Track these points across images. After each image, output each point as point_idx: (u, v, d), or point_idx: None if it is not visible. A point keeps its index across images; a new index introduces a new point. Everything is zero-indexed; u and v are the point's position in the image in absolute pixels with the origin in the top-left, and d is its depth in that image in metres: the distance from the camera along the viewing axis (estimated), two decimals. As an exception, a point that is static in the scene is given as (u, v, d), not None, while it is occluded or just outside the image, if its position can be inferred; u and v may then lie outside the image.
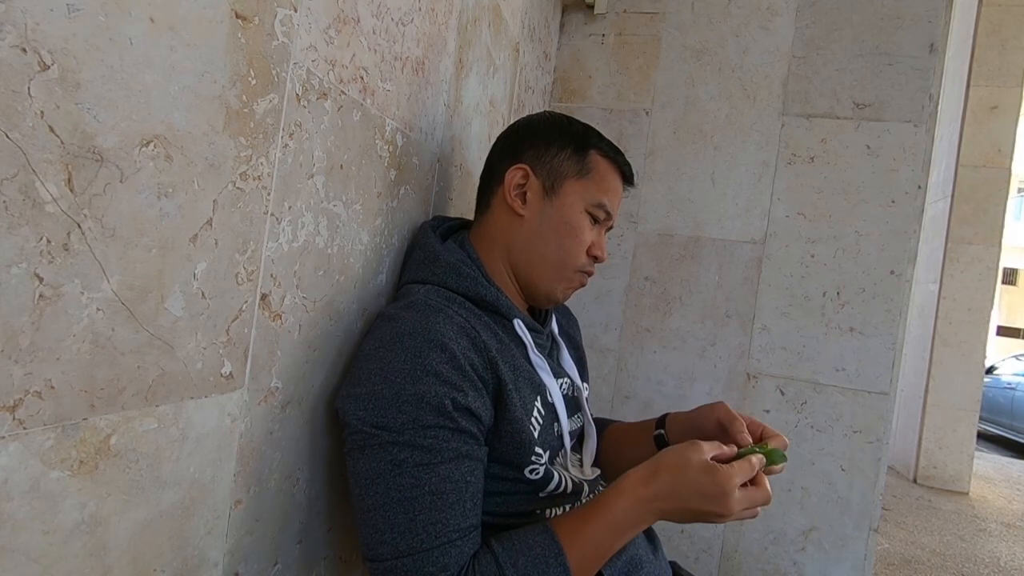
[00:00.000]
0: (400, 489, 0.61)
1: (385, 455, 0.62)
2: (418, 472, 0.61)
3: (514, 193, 0.80)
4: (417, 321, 0.67)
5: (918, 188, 1.39)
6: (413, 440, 0.62)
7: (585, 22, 1.63)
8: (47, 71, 0.35)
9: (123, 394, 0.43)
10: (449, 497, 0.62)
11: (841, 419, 1.42)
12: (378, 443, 0.62)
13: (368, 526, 0.62)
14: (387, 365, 0.64)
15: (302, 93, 0.57)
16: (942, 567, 2.66)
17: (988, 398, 5.77)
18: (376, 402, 0.63)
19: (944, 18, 1.39)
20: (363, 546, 0.63)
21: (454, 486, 0.62)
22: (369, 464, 0.62)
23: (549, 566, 0.61)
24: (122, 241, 0.41)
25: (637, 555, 0.78)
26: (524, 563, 0.61)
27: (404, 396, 0.63)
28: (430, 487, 0.61)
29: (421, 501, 0.61)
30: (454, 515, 0.61)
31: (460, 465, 0.63)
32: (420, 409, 0.62)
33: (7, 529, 0.36)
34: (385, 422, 0.62)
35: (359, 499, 0.63)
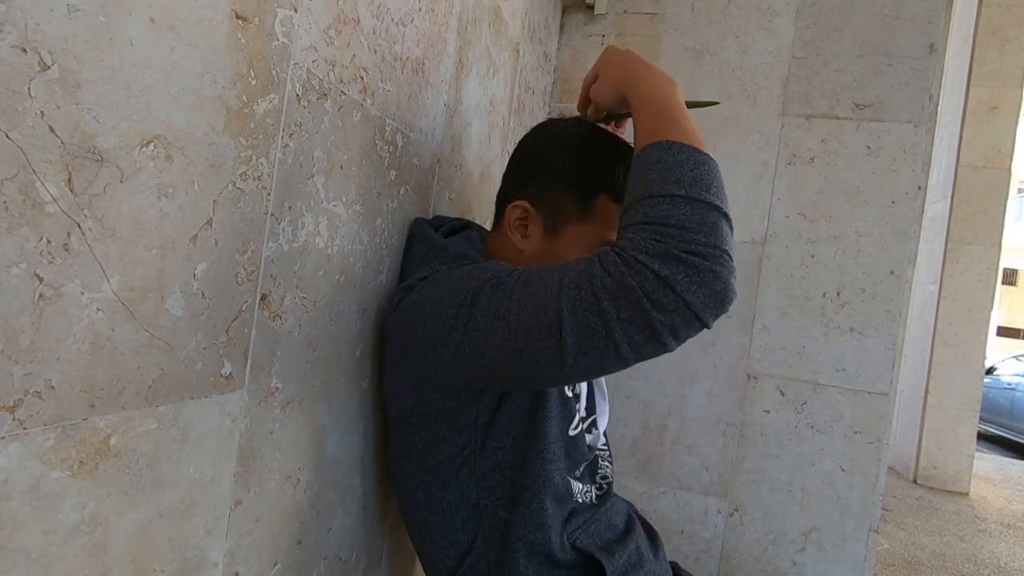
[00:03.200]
0: (514, 287, 0.59)
1: (480, 290, 0.61)
2: (514, 272, 0.61)
3: (515, 227, 0.78)
4: (451, 269, 0.70)
5: (918, 189, 1.39)
6: (489, 270, 0.62)
7: (585, 23, 1.63)
8: (47, 71, 0.35)
9: (123, 394, 0.43)
10: (553, 264, 0.61)
11: (841, 419, 1.41)
12: (469, 294, 0.62)
13: (529, 332, 0.57)
14: (436, 287, 0.67)
15: (302, 93, 0.57)
16: (942, 568, 2.66)
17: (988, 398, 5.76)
18: (442, 295, 0.64)
19: (944, 18, 1.39)
20: (547, 351, 0.56)
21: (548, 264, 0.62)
22: (480, 308, 0.61)
23: (670, 153, 0.57)
24: (122, 241, 0.41)
25: (638, 552, 0.78)
26: (650, 175, 0.57)
27: (461, 275, 0.65)
28: (530, 270, 0.60)
29: (537, 272, 0.59)
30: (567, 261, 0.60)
31: None
32: (483, 268, 0.64)
33: (7, 529, 0.36)
34: (459, 285, 0.63)
35: (502, 337, 0.59)
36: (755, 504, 1.46)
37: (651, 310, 0.51)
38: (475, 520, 0.74)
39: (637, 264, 0.51)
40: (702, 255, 0.51)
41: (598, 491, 0.82)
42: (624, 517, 0.84)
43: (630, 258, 0.52)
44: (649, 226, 0.53)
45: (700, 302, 0.51)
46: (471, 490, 0.73)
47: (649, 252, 0.51)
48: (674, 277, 0.50)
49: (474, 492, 0.73)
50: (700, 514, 1.49)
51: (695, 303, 0.51)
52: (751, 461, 1.47)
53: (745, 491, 1.46)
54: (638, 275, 0.51)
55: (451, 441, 0.73)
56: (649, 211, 0.54)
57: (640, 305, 0.51)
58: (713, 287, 0.51)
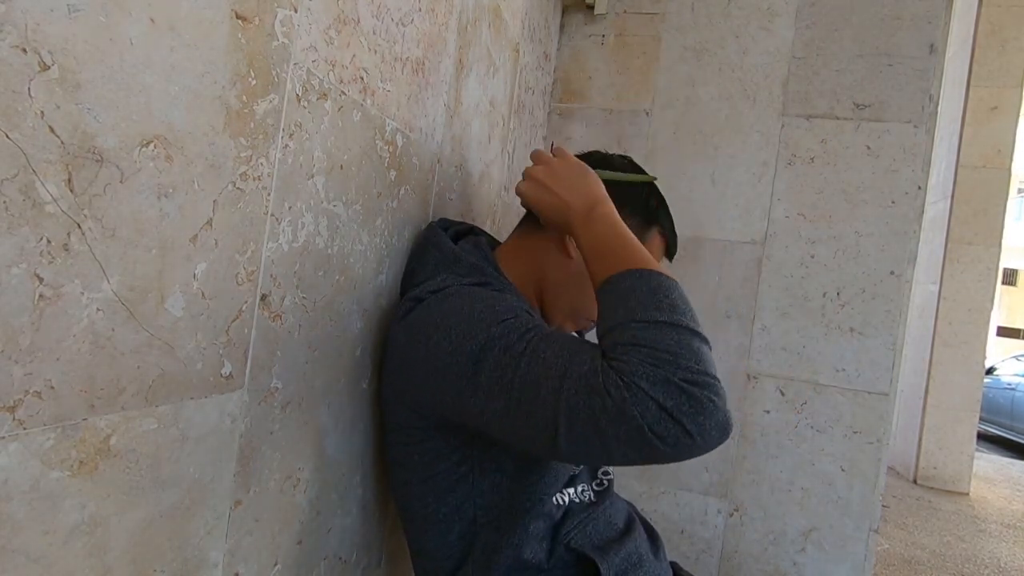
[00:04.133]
0: (522, 357, 0.59)
1: (490, 351, 0.61)
2: (525, 338, 0.61)
3: (569, 240, 0.81)
4: (460, 287, 0.71)
5: (918, 189, 1.39)
6: (506, 329, 0.62)
7: (585, 23, 1.63)
8: (47, 71, 0.35)
9: (123, 394, 0.43)
10: (565, 337, 0.61)
11: (841, 420, 1.41)
12: (479, 348, 0.62)
13: (527, 413, 0.58)
14: (447, 309, 0.67)
15: (302, 93, 0.57)
16: (942, 568, 2.66)
17: (988, 399, 5.77)
18: (454, 329, 0.64)
19: (944, 19, 1.39)
20: (540, 435, 0.57)
21: (560, 333, 0.62)
22: (486, 369, 0.61)
23: (642, 282, 0.60)
24: (122, 241, 0.41)
25: (637, 552, 0.78)
26: (629, 303, 0.58)
27: (475, 310, 0.65)
28: (542, 342, 0.60)
29: (545, 349, 0.59)
30: (577, 339, 0.61)
31: (552, 328, 0.65)
32: (495, 311, 0.64)
33: (7, 529, 0.36)
34: (472, 331, 0.63)
35: (502, 407, 0.60)
36: (755, 504, 1.46)
37: (653, 439, 0.51)
38: (470, 536, 0.73)
39: (639, 392, 0.51)
40: (699, 384, 0.52)
41: (597, 486, 0.82)
42: (624, 517, 0.84)
43: (631, 383, 0.52)
44: (642, 348, 0.54)
45: (705, 434, 0.52)
46: (468, 506, 0.73)
47: (649, 379, 0.52)
48: (678, 409, 0.51)
49: (471, 509, 0.73)
50: (700, 514, 1.49)
51: (698, 435, 0.51)
52: (751, 461, 1.47)
53: (745, 491, 1.46)
54: (640, 404, 0.51)
55: (447, 456, 0.72)
56: (638, 334, 0.55)
57: (642, 433, 0.51)
58: (716, 418, 0.52)
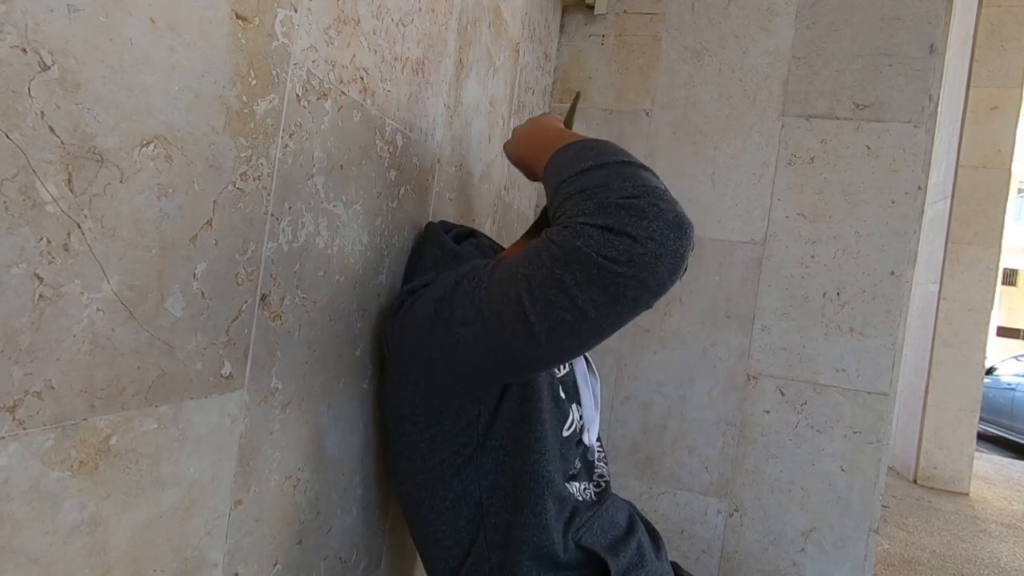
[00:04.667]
0: (487, 278, 0.59)
1: (457, 287, 0.63)
2: (487, 266, 0.61)
3: None
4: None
5: (918, 189, 1.39)
6: (469, 270, 0.63)
7: (585, 23, 1.63)
8: (47, 71, 0.35)
9: (123, 394, 0.43)
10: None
11: (841, 420, 1.41)
12: (447, 290, 0.63)
13: (500, 317, 0.56)
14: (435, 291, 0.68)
15: (302, 93, 0.57)
16: (942, 568, 2.66)
17: (988, 399, 5.76)
18: (430, 298, 0.66)
19: (944, 19, 1.39)
20: (517, 332, 0.55)
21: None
22: (456, 301, 0.62)
23: (567, 150, 0.60)
24: (122, 241, 0.41)
25: (640, 551, 0.78)
26: (560, 170, 0.59)
27: (450, 273, 0.67)
28: (502, 261, 0.60)
29: (504, 263, 0.59)
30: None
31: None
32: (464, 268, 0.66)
33: (7, 529, 0.36)
34: (443, 290, 0.64)
35: (480, 328, 0.59)
36: (755, 504, 1.46)
37: (605, 264, 0.47)
38: (478, 519, 0.74)
39: (578, 225, 0.50)
40: (637, 196, 0.49)
41: (596, 488, 0.82)
42: (625, 516, 0.84)
43: (570, 223, 0.51)
44: (574, 196, 0.52)
45: (656, 237, 0.47)
46: (474, 488, 0.73)
47: (585, 211, 0.50)
48: (619, 223, 0.47)
49: (477, 491, 0.73)
50: (700, 514, 1.49)
51: (648, 239, 0.47)
52: (751, 461, 1.47)
53: (745, 491, 1.46)
54: (582, 235, 0.49)
55: (453, 440, 0.73)
56: (569, 188, 0.54)
57: (592, 262, 0.48)
58: (664, 219, 0.47)
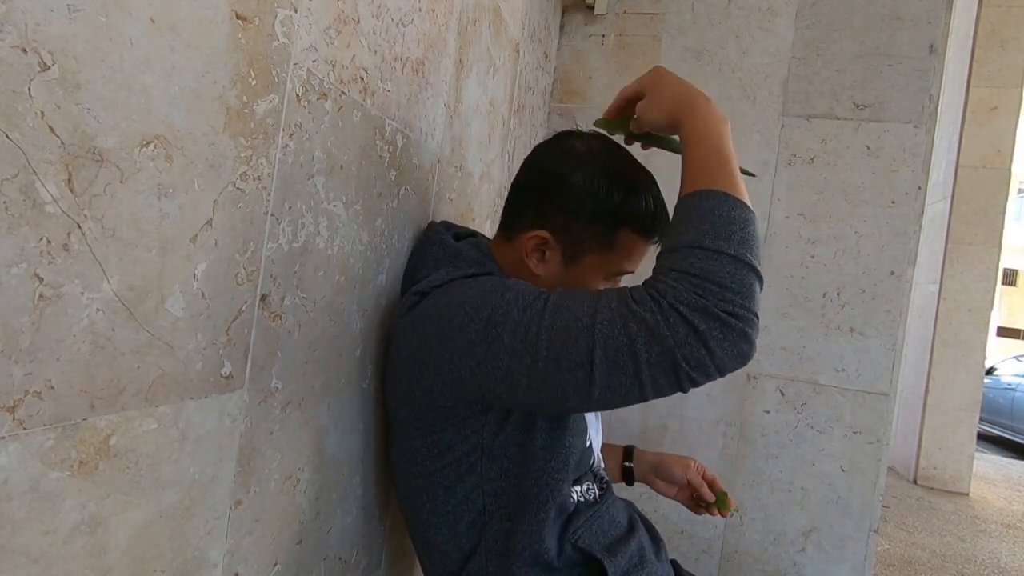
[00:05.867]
0: (543, 311, 0.60)
1: (508, 312, 0.62)
2: (543, 295, 0.62)
3: (531, 253, 0.77)
4: (464, 279, 0.71)
5: (918, 189, 1.39)
6: (518, 293, 0.63)
7: (585, 23, 1.63)
8: (47, 71, 0.35)
9: (123, 394, 0.43)
10: (581, 290, 0.63)
11: (841, 420, 1.41)
12: (495, 312, 0.62)
13: (558, 361, 0.58)
14: (455, 297, 0.67)
15: (302, 94, 0.57)
16: (942, 568, 2.66)
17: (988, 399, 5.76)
18: (464, 307, 0.65)
19: (944, 19, 1.40)
20: (574, 380, 0.58)
21: (574, 290, 0.64)
22: (507, 330, 0.61)
23: (723, 207, 0.59)
24: (122, 241, 0.41)
25: (640, 551, 0.78)
26: (702, 226, 0.58)
27: (484, 288, 0.66)
28: (560, 295, 0.62)
29: (566, 299, 0.60)
30: (594, 289, 0.63)
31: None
32: (504, 284, 0.66)
33: (7, 529, 0.36)
34: (483, 301, 0.64)
35: (529, 363, 0.60)
36: (755, 504, 1.46)
37: (680, 361, 0.53)
38: (479, 526, 0.74)
39: (674, 314, 0.53)
40: (738, 316, 0.54)
41: (599, 488, 0.82)
42: (626, 516, 0.84)
43: (668, 306, 0.54)
44: (693, 278, 0.55)
45: (728, 360, 0.54)
46: (477, 495, 0.73)
47: (690, 305, 0.53)
48: (709, 333, 0.53)
49: (480, 498, 0.73)
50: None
51: (722, 360, 0.54)
52: (751, 461, 1.47)
53: (745, 491, 1.46)
54: (672, 326, 0.53)
55: (457, 446, 0.72)
56: (696, 262, 0.56)
57: (672, 354, 0.53)
58: (741, 347, 0.54)
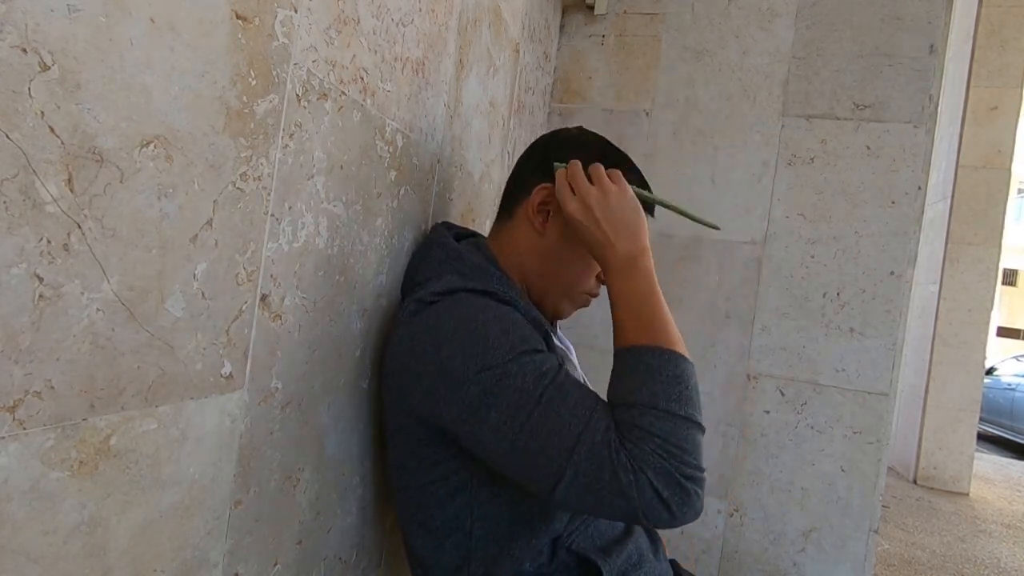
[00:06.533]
0: (536, 406, 0.63)
1: (505, 390, 0.64)
2: (540, 385, 0.64)
3: (537, 210, 0.80)
4: (467, 293, 0.71)
5: (918, 189, 1.39)
6: (521, 367, 0.64)
7: (585, 23, 1.63)
8: (48, 71, 0.35)
9: (123, 394, 0.43)
10: (577, 390, 0.65)
11: (841, 420, 1.42)
12: (492, 384, 0.64)
13: (531, 461, 0.63)
14: (458, 322, 0.68)
15: (302, 94, 0.57)
16: (942, 568, 2.66)
17: (988, 399, 5.76)
18: (466, 348, 0.65)
19: (944, 19, 1.40)
20: (539, 482, 0.63)
21: (573, 382, 0.66)
22: (498, 408, 0.64)
23: (668, 366, 0.65)
24: (122, 241, 0.41)
25: (638, 551, 0.78)
26: (653, 387, 0.64)
27: (489, 333, 0.66)
28: (558, 392, 0.64)
29: (559, 403, 0.63)
30: (588, 395, 0.65)
31: (564, 371, 0.67)
32: (509, 340, 0.66)
33: (7, 529, 0.36)
34: (487, 361, 0.64)
35: (507, 448, 0.63)
36: (755, 504, 1.46)
37: (641, 516, 0.61)
38: (465, 547, 0.73)
39: (644, 480, 0.60)
40: (694, 480, 0.61)
41: None
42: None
43: (638, 469, 0.60)
44: (656, 439, 0.61)
45: (682, 517, 0.62)
46: (465, 517, 0.72)
47: (656, 471, 0.60)
48: (672, 500, 0.60)
49: (468, 520, 0.72)
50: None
51: (678, 519, 0.62)
52: (751, 461, 1.47)
53: (745, 491, 1.46)
54: (641, 490, 0.60)
55: (444, 464, 0.72)
56: (655, 422, 0.62)
57: (633, 509, 0.61)
58: (695, 508, 0.62)
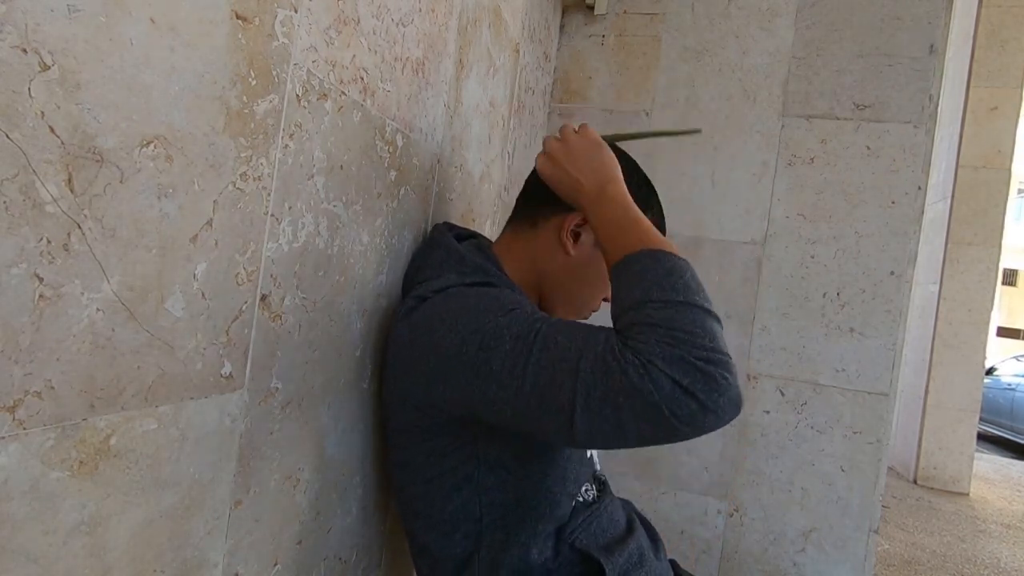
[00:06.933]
0: (533, 345, 0.60)
1: (500, 340, 0.61)
2: (534, 327, 0.61)
3: (570, 234, 0.81)
4: (464, 287, 0.71)
5: (918, 189, 1.40)
6: (512, 319, 0.63)
7: (585, 23, 1.63)
8: (48, 71, 0.35)
9: (123, 394, 0.43)
10: (570, 324, 0.62)
11: (841, 420, 1.42)
12: (488, 339, 0.62)
13: (541, 398, 0.58)
14: (451, 307, 0.68)
15: (302, 94, 0.57)
16: (942, 568, 2.66)
17: (988, 399, 5.76)
18: (458, 323, 0.65)
19: (944, 19, 1.40)
20: (557, 419, 0.57)
21: (567, 321, 0.63)
22: (497, 358, 0.61)
23: (657, 264, 0.61)
24: (122, 241, 0.41)
25: (639, 550, 0.78)
26: (645, 284, 0.60)
27: (481, 305, 0.66)
28: (552, 328, 0.61)
29: (555, 336, 0.60)
30: (581, 325, 0.62)
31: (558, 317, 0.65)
32: (499, 303, 0.66)
33: (7, 529, 0.36)
34: (478, 323, 0.63)
35: (514, 395, 0.60)
36: (755, 504, 1.46)
37: (669, 415, 0.53)
38: (475, 536, 0.73)
39: (655, 370, 0.53)
40: (714, 362, 0.53)
41: (597, 488, 0.82)
42: (624, 516, 0.84)
43: (647, 362, 0.53)
44: (658, 328, 0.55)
45: (719, 410, 0.54)
46: (474, 505, 0.73)
47: (665, 358, 0.53)
48: (693, 386, 0.52)
49: (477, 508, 0.73)
50: (700, 514, 1.49)
51: (713, 410, 0.53)
52: (751, 461, 1.47)
53: (745, 491, 1.46)
54: (655, 381, 0.52)
55: (452, 454, 0.72)
56: (653, 313, 0.56)
57: (658, 410, 0.53)
58: (728, 394, 0.54)
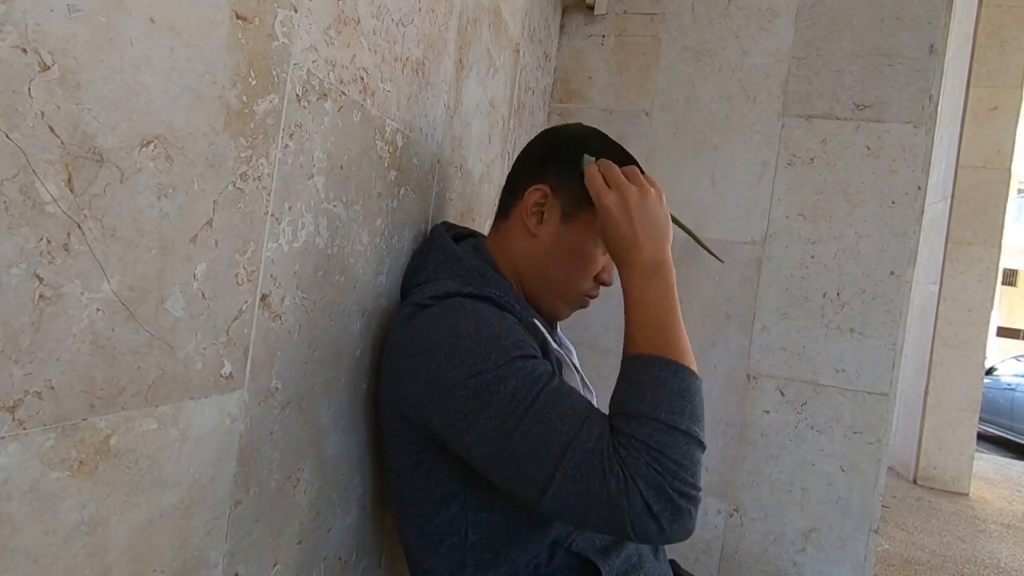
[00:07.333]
0: (527, 411, 0.62)
1: (495, 394, 0.62)
2: (533, 390, 0.63)
3: (532, 211, 0.79)
4: (463, 298, 0.70)
5: (918, 189, 1.39)
6: (513, 373, 0.63)
7: (585, 23, 1.63)
8: (47, 71, 0.35)
9: (123, 394, 0.43)
10: (571, 397, 0.64)
11: (841, 420, 1.41)
12: (483, 388, 0.63)
13: (519, 466, 0.61)
14: (452, 327, 0.67)
15: (302, 94, 0.57)
16: (942, 568, 2.66)
17: (988, 399, 5.76)
18: (459, 354, 0.64)
19: (944, 19, 1.40)
20: (527, 488, 0.61)
21: (567, 390, 0.65)
22: (487, 413, 0.62)
23: (675, 379, 0.64)
24: (122, 241, 0.41)
25: (637, 552, 0.78)
26: (656, 399, 0.62)
27: (482, 339, 0.65)
28: (550, 398, 0.63)
29: (551, 409, 0.62)
30: (582, 402, 0.64)
31: (559, 378, 0.66)
32: (502, 347, 0.65)
33: (7, 529, 0.36)
34: (479, 366, 0.63)
35: (495, 452, 0.62)
36: (755, 504, 1.46)
37: (629, 529, 0.59)
38: (460, 552, 0.72)
39: (633, 488, 0.58)
40: (688, 497, 0.59)
41: None
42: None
43: (630, 479, 0.58)
44: (652, 451, 0.59)
45: (674, 535, 0.60)
46: (460, 522, 0.72)
47: (648, 482, 0.58)
48: (662, 514, 0.58)
49: (463, 525, 0.72)
50: (700, 514, 1.48)
51: (667, 535, 0.59)
52: (751, 461, 1.47)
53: (745, 491, 1.46)
54: (631, 500, 0.58)
55: (437, 468, 0.72)
56: (653, 433, 0.60)
57: (623, 521, 0.58)
58: (687, 527, 0.60)
